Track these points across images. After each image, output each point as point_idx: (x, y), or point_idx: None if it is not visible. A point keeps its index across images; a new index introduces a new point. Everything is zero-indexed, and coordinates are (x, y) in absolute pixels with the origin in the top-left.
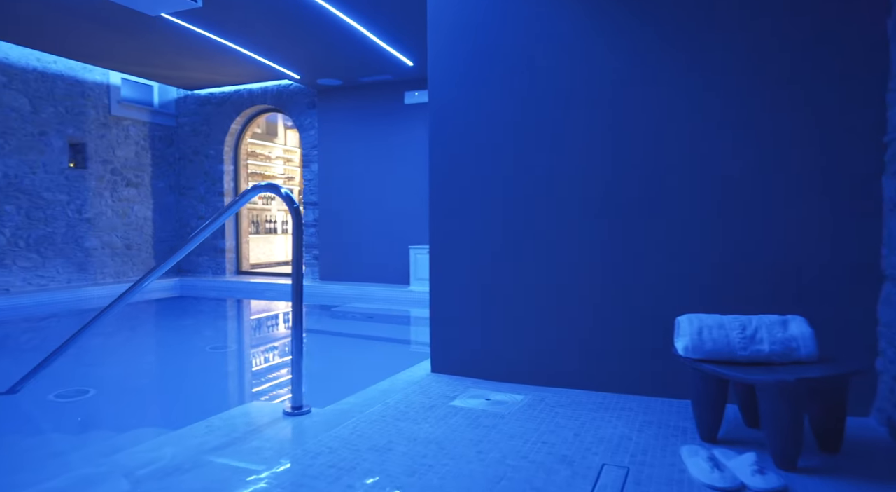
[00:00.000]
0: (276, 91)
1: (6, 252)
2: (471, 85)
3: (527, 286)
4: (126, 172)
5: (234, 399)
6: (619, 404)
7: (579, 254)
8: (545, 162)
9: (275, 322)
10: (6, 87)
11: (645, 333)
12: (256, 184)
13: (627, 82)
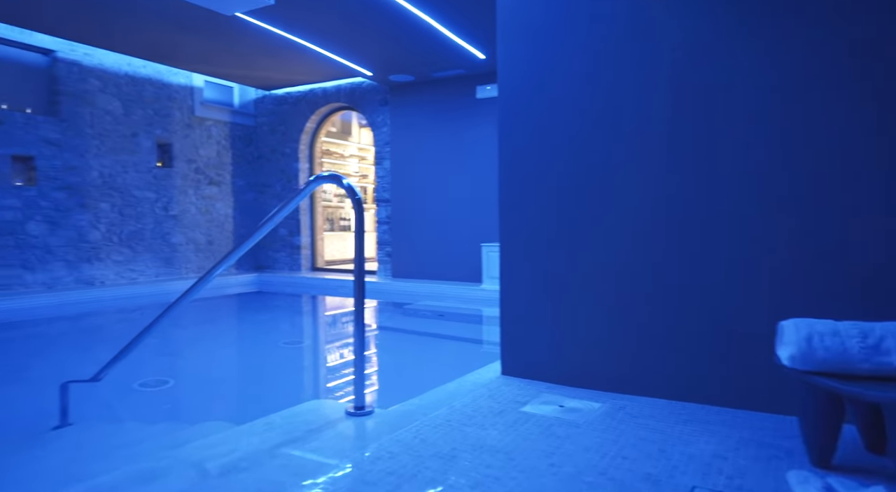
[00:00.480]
0: (350, 89)
1: (101, 247)
2: (540, 75)
3: (602, 285)
4: (208, 170)
5: (301, 395)
6: (710, 417)
7: (659, 251)
8: (620, 156)
9: (348, 319)
10: (102, 91)
11: (738, 338)
12: (319, 174)
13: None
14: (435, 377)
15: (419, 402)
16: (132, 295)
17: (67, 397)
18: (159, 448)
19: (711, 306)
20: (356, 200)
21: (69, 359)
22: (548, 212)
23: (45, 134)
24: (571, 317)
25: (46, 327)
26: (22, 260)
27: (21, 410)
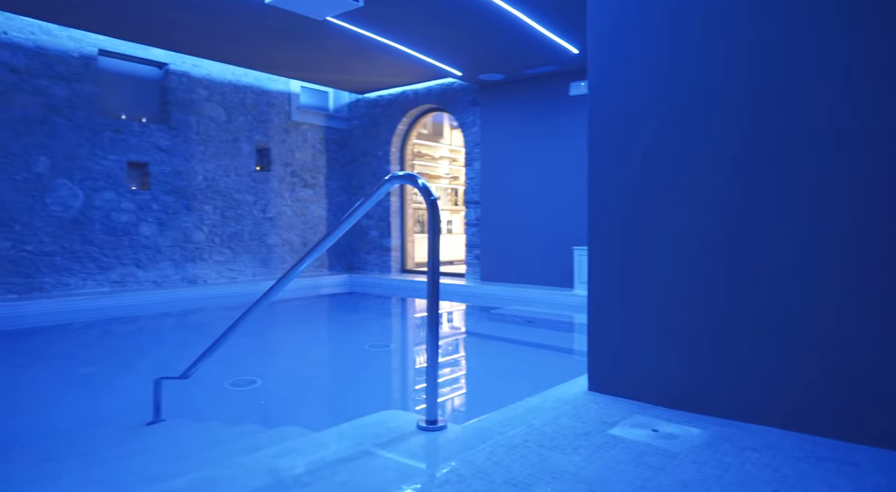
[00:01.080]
0: (440, 90)
1: (204, 247)
2: (634, 69)
3: (707, 294)
4: (304, 173)
5: (377, 403)
6: (837, 455)
7: (784, 254)
8: (723, 151)
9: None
10: (208, 100)
11: (876, 359)
12: (394, 174)
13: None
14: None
15: (496, 418)
16: (232, 294)
17: (160, 393)
18: (234, 452)
19: (849, 321)
20: (431, 201)
21: (174, 353)
22: (642, 215)
23: (157, 141)
24: (669, 328)
25: (156, 323)
26: (135, 259)
27: (128, 401)
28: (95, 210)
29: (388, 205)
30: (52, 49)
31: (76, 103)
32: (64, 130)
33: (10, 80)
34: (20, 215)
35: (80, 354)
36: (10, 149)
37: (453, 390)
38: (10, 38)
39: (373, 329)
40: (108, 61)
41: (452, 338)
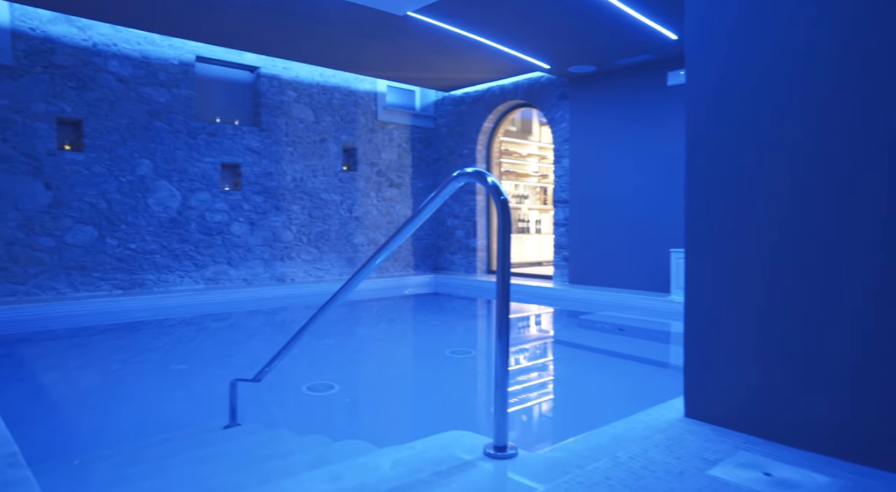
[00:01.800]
0: (527, 85)
1: (292, 246)
2: (743, 54)
3: (834, 304)
4: (389, 173)
5: (448, 418)
6: None
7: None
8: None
9: (521, 328)
10: (296, 101)
11: None
12: (461, 170)
13: None
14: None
15: (576, 446)
16: (318, 293)
17: (236, 396)
18: (297, 466)
19: None
20: (500, 201)
21: (260, 352)
22: (752, 213)
23: (248, 143)
24: (787, 347)
25: (246, 320)
26: (228, 258)
27: (211, 401)
28: (191, 210)
29: (474, 204)
30: (155, 58)
31: (175, 108)
32: (164, 134)
33: (120, 89)
34: (125, 215)
35: (174, 350)
36: (117, 152)
37: (529, 406)
38: (120, 50)
39: (455, 333)
40: (205, 67)
41: (535, 345)
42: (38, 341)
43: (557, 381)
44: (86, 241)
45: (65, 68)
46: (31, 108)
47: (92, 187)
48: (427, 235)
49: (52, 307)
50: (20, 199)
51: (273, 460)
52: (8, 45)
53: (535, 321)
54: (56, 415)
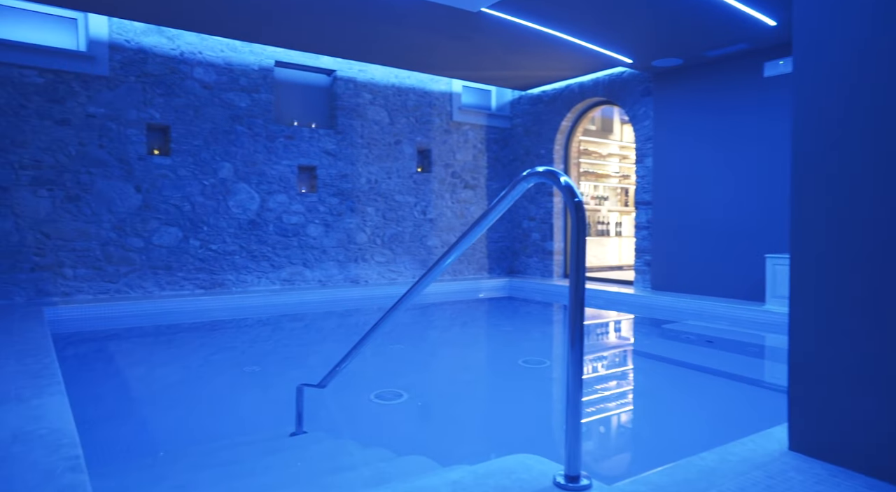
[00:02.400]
0: (608, 81)
1: (366, 248)
2: (861, 37)
3: None
4: (464, 174)
5: (516, 437)
6: None
7: None
8: None
9: (599, 336)
10: (371, 103)
11: None
12: (531, 170)
13: None
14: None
15: (659, 480)
16: (392, 294)
17: (303, 402)
18: (356, 482)
19: None
20: (575, 202)
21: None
22: (876, 223)
23: (324, 145)
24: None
25: (321, 322)
26: (303, 259)
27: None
28: (269, 212)
29: (551, 206)
30: (237, 64)
31: (255, 113)
32: (244, 138)
33: (204, 96)
34: (207, 217)
35: (249, 351)
36: (200, 156)
37: (606, 428)
38: (205, 57)
39: (530, 341)
40: (283, 72)
41: (613, 356)
42: (126, 338)
43: (638, 398)
44: (171, 242)
45: (155, 77)
46: (124, 116)
47: (177, 190)
48: (502, 238)
49: (140, 305)
50: (113, 201)
51: (335, 473)
52: (106, 57)
53: (613, 329)
54: (134, 412)
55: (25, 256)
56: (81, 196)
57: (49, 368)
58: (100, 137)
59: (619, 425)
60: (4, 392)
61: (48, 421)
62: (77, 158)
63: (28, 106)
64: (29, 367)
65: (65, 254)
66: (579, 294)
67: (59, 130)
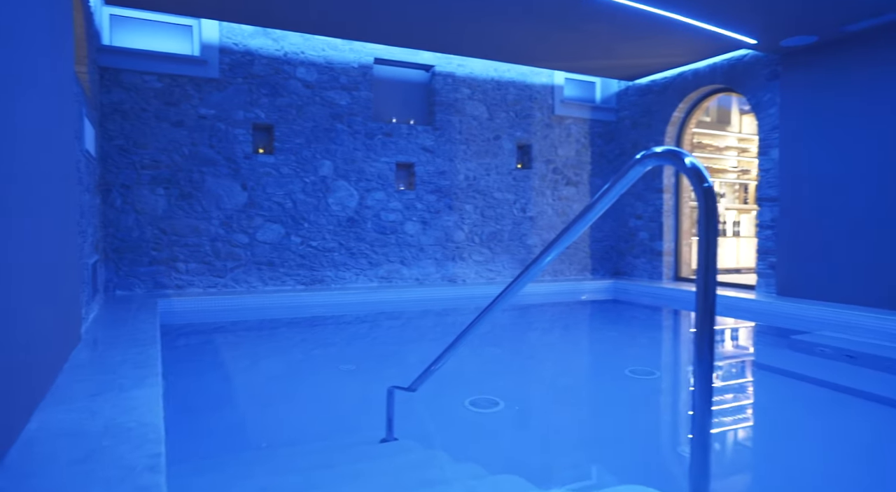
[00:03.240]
0: (727, 67)
1: (464, 247)
2: None
3: None
4: (566, 170)
5: (620, 459)
6: None
7: None
8: None
9: (718, 347)
10: (470, 98)
11: None
12: (647, 150)
13: None
14: (830, 471)
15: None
16: (489, 294)
17: (393, 406)
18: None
19: None
20: (704, 188)
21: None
22: None
23: (422, 142)
24: None
25: (417, 320)
26: (401, 257)
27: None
28: (367, 209)
29: (660, 203)
30: (337, 62)
31: (355, 110)
32: (344, 136)
33: (306, 95)
34: (308, 214)
35: (346, 348)
36: (302, 155)
37: (731, 458)
38: (307, 57)
39: (637, 348)
40: (382, 69)
41: (734, 370)
42: (231, 331)
43: (769, 423)
44: (274, 238)
45: (260, 78)
46: (232, 116)
47: (280, 188)
48: (606, 237)
49: (244, 299)
50: (221, 199)
51: (423, 488)
52: (216, 60)
53: (731, 339)
54: (231, 405)
55: (145, 250)
56: (193, 194)
57: (151, 359)
58: (210, 138)
59: (747, 454)
60: (108, 382)
61: (139, 414)
62: (190, 157)
63: (148, 109)
64: (133, 357)
65: (178, 249)
66: (709, 299)
67: (175, 131)
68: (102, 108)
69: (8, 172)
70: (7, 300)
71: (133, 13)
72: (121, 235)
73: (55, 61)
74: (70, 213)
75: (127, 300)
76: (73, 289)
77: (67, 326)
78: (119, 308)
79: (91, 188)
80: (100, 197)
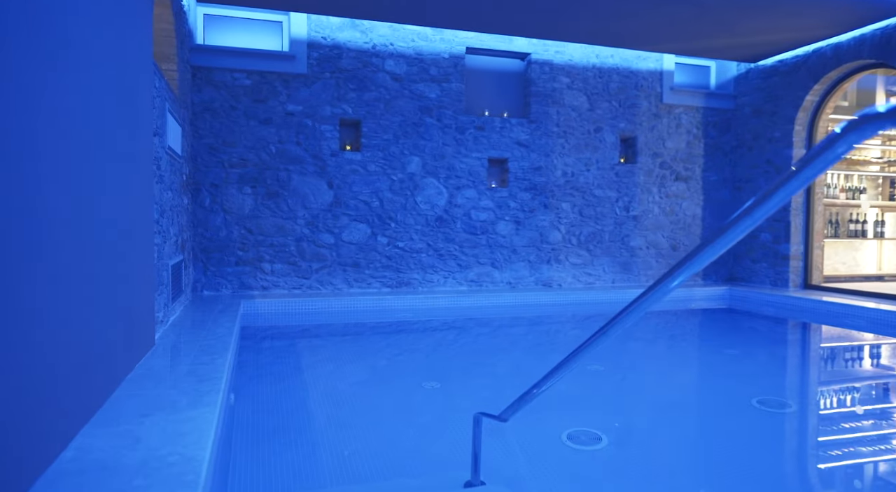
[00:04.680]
0: (879, 37)
1: (560, 248)
2: None
3: None
4: (675, 164)
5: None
6: None
7: None
8: None
9: (866, 368)
10: (569, 88)
11: None
12: (865, 111)
13: None
14: None
15: None
16: (588, 301)
17: (480, 438)
18: None
19: None
20: None
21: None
22: None
23: (517, 136)
24: None
25: (509, 328)
26: (492, 259)
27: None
28: (457, 208)
29: (788, 201)
30: (427, 53)
31: (445, 103)
32: (433, 130)
33: (394, 88)
34: (395, 213)
35: (431, 362)
36: (389, 151)
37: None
38: (396, 49)
39: (764, 370)
40: (474, 59)
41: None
42: (314, 335)
43: None
44: (360, 238)
45: (348, 72)
46: (319, 112)
47: (367, 186)
48: (717, 237)
49: (328, 302)
50: (307, 197)
51: None
52: (304, 55)
53: (891, 365)
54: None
55: (232, 250)
56: (279, 193)
57: (217, 371)
58: (297, 135)
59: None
60: (164, 396)
61: (185, 443)
62: (277, 155)
63: (237, 107)
64: (200, 368)
65: (264, 249)
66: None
67: (262, 128)
68: (193, 106)
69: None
70: (43, 313)
71: (226, 11)
72: (209, 235)
73: (119, 53)
74: (144, 211)
75: (212, 301)
76: (146, 291)
77: (136, 332)
78: (203, 310)
79: (175, 187)
80: (188, 196)
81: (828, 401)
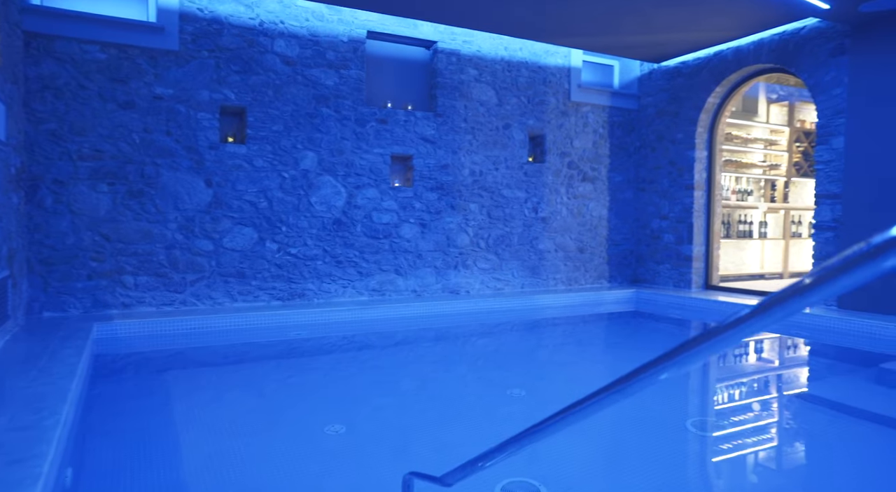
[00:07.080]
0: (777, 42)
1: (468, 252)
2: None
3: None
4: (583, 164)
5: None
6: None
7: None
8: None
9: (762, 380)
10: (477, 80)
11: None
12: None
13: None
14: None
15: None
16: (496, 309)
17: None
18: None
19: None
20: None
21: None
22: None
23: (422, 131)
24: None
25: (420, 344)
26: (395, 265)
27: None
28: (357, 210)
29: (691, 201)
30: (324, 35)
31: (343, 92)
32: (330, 122)
33: (285, 73)
34: (286, 216)
35: (331, 398)
36: (280, 144)
37: None
38: (287, 28)
39: (686, 384)
40: (376, 45)
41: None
42: (189, 363)
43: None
44: (245, 244)
45: (230, 51)
46: (195, 97)
47: (253, 184)
48: (625, 240)
49: (206, 320)
50: (180, 197)
51: None
52: (176, 28)
53: (789, 369)
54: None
55: (82, 261)
56: (145, 191)
57: (44, 440)
58: (167, 123)
59: None
60: None
61: None
62: (141, 146)
63: (89, 87)
64: (19, 434)
65: (125, 259)
66: None
67: (123, 114)
68: (28, 82)
69: None
70: None
71: None
72: (51, 243)
73: None
74: None
75: (54, 325)
76: None
77: None
78: (39, 338)
79: (1, 183)
80: (19, 195)
81: (760, 416)
